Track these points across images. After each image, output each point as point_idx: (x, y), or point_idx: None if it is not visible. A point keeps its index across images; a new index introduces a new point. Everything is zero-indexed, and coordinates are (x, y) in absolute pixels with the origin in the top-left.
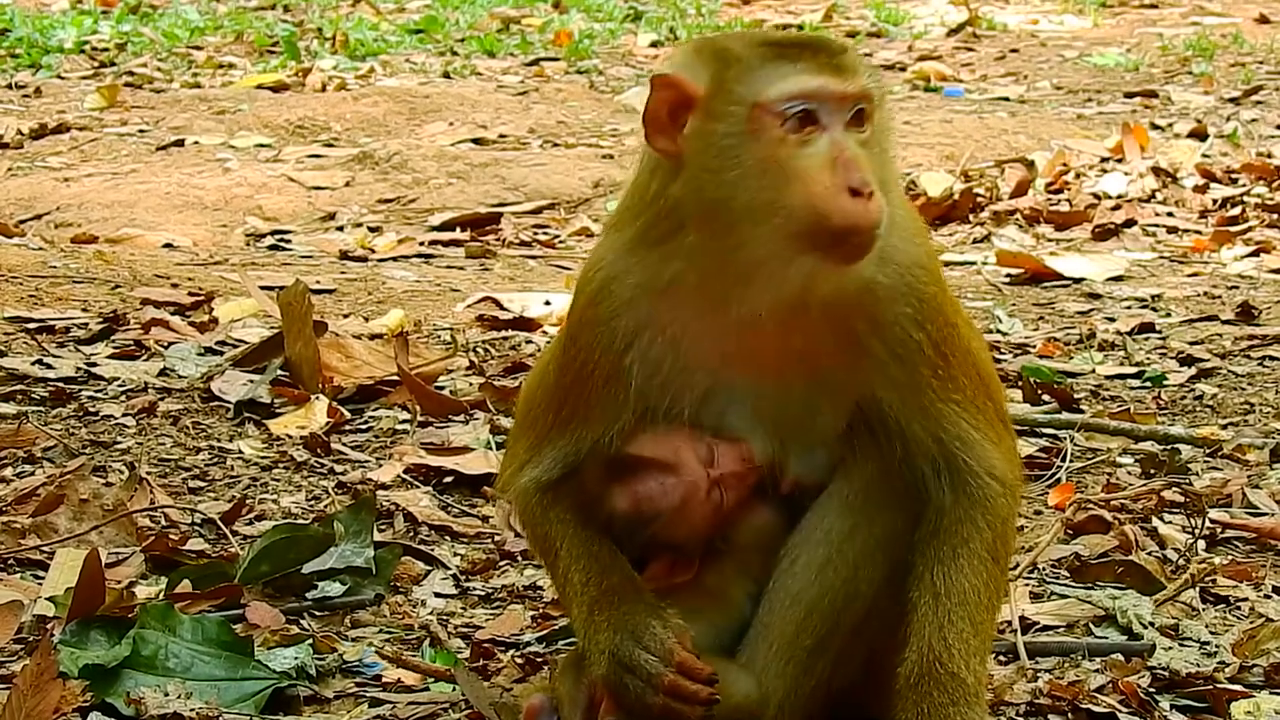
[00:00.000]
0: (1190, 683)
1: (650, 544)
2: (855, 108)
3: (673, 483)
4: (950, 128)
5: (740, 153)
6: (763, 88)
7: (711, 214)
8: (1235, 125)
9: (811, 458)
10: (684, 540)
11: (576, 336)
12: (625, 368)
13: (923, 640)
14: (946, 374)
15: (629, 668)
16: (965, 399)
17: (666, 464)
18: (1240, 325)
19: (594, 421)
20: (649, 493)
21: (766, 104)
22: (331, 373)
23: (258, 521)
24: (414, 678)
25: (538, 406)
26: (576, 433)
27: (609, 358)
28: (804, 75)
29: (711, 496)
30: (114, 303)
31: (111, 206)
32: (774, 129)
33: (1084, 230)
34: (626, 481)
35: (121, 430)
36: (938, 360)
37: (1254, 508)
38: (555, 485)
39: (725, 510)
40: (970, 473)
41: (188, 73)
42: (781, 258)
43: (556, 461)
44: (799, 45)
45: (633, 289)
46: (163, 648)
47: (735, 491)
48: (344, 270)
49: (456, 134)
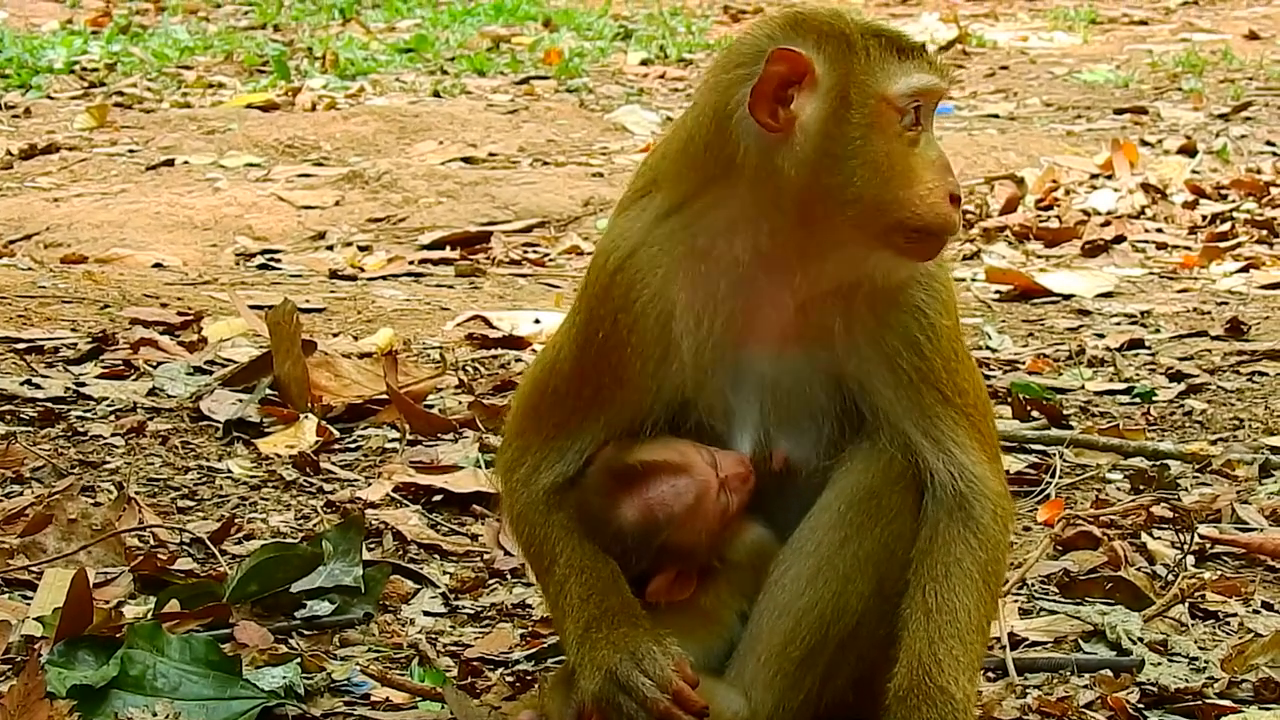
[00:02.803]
0: (1179, 698)
1: (658, 555)
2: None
3: (685, 483)
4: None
5: (864, 143)
6: (890, 82)
7: (819, 194)
8: (1225, 141)
9: (802, 436)
10: (692, 548)
11: (600, 304)
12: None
13: (913, 655)
14: (954, 370)
15: (625, 688)
16: (968, 406)
17: (676, 465)
18: (1229, 341)
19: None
20: (661, 497)
21: (892, 98)
22: (320, 391)
23: (246, 541)
24: (402, 696)
25: (552, 395)
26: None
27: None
28: (923, 73)
29: (720, 498)
30: (103, 322)
31: (101, 226)
32: (895, 124)
33: (1074, 246)
34: (635, 490)
35: (110, 450)
36: (949, 354)
37: (1243, 523)
38: (561, 490)
39: (731, 515)
40: (967, 486)
41: (177, 92)
42: (865, 245)
43: (581, 453)
44: (906, 40)
45: (661, 259)
46: (151, 667)
47: (739, 495)
48: (333, 289)
49: (446, 153)
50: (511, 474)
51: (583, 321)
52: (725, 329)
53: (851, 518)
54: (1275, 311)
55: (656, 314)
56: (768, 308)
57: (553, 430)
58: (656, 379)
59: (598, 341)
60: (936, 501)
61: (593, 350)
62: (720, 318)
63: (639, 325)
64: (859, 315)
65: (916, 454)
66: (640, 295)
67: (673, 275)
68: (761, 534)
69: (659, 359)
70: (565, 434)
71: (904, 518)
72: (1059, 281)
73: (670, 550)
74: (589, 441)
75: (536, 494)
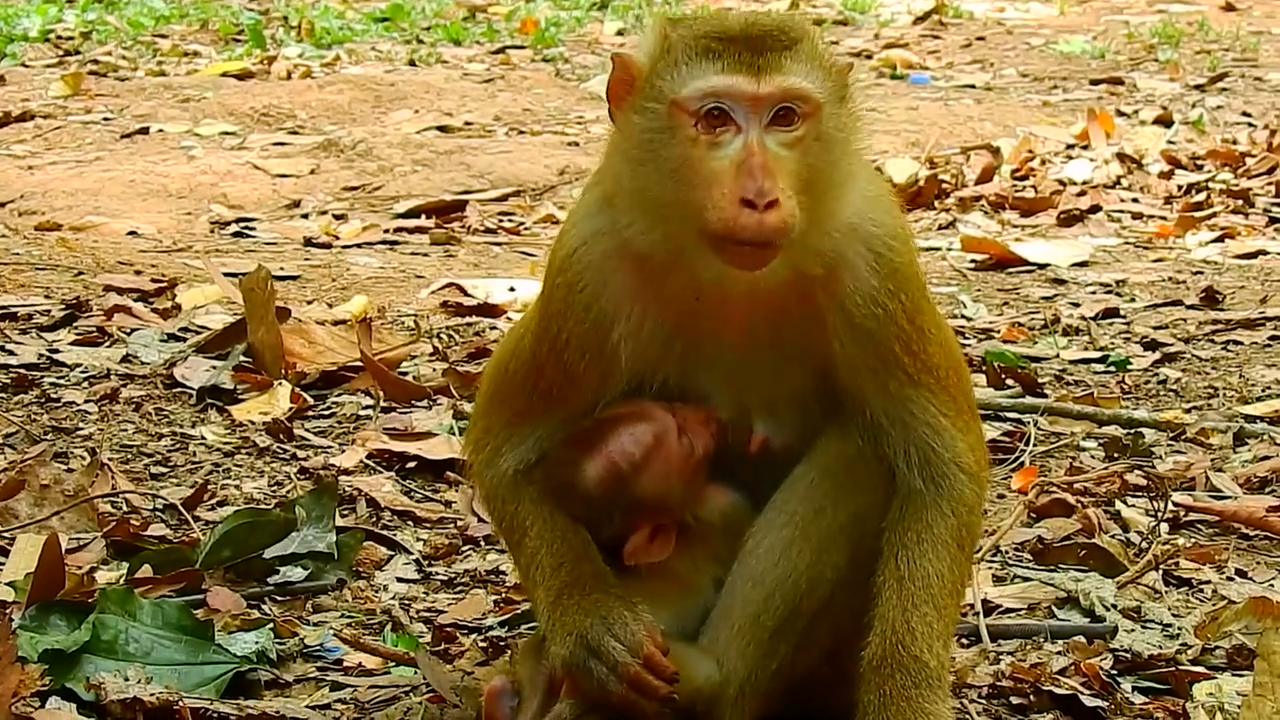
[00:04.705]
0: (1152, 665)
1: (629, 512)
2: (777, 108)
3: (643, 429)
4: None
5: (657, 148)
6: (680, 84)
7: (647, 200)
8: (1201, 112)
9: (778, 420)
10: (662, 499)
11: (550, 302)
12: (609, 336)
13: (886, 624)
14: (921, 348)
15: (595, 653)
16: (937, 383)
17: (632, 414)
18: (1204, 310)
19: (576, 397)
20: (621, 446)
21: (681, 101)
22: (294, 359)
23: (219, 507)
24: (375, 662)
25: (512, 381)
26: (558, 409)
27: (587, 325)
28: (717, 73)
29: (683, 443)
30: (77, 289)
31: (75, 194)
32: (688, 127)
33: (1049, 216)
34: (595, 449)
35: (83, 416)
36: (911, 333)
37: (1217, 491)
38: (529, 469)
39: (698, 461)
40: (939, 462)
41: (152, 61)
42: (695, 252)
43: (539, 442)
44: (727, 39)
45: (603, 253)
46: (123, 632)
47: (702, 439)
48: (308, 257)
49: (422, 121)
50: (477, 454)
51: (541, 315)
52: (674, 327)
53: (827, 489)
54: (1250, 281)
55: (595, 317)
56: (717, 302)
57: (512, 417)
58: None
59: (549, 338)
60: (909, 471)
61: (545, 346)
62: (666, 316)
63: (579, 329)
64: (817, 301)
65: (890, 421)
66: (580, 298)
67: (609, 276)
68: (736, 499)
69: (604, 366)
70: (525, 421)
71: (879, 489)
72: (1034, 251)
73: (642, 503)
74: (547, 432)
75: (504, 473)
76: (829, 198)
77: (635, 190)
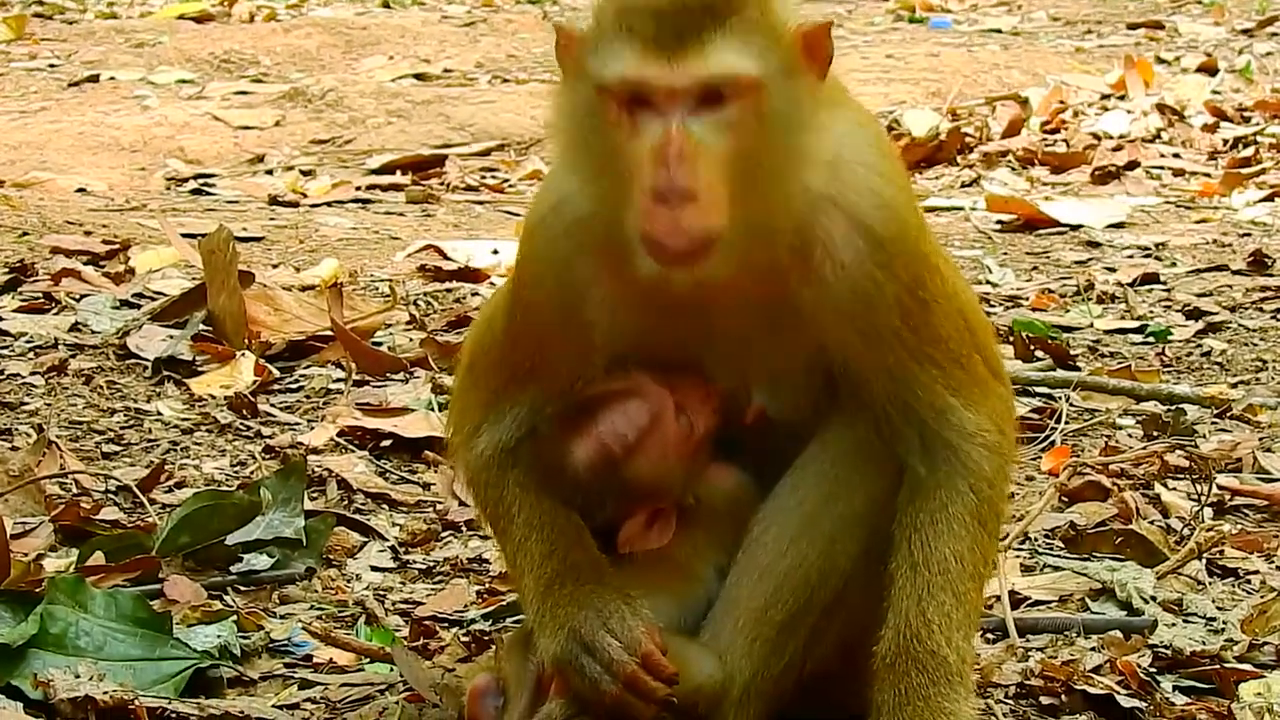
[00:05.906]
0: (1195, 662)
1: (624, 496)
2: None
3: (637, 406)
4: (937, 62)
5: (587, 131)
6: (601, 65)
7: (579, 179)
8: (1248, 59)
9: (777, 391)
10: (659, 482)
11: (522, 271)
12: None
13: (900, 616)
14: (923, 321)
15: (589, 649)
16: (944, 355)
17: (625, 390)
18: (1252, 276)
19: (555, 374)
20: (614, 426)
21: (603, 85)
22: (259, 327)
23: (177, 489)
24: (348, 658)
25: (488, 355)
26: (538, 386)
27: (559, 298)
28: (633, 56)
29: (682, 422)
30: (21, 252)
31: (19, 148)
32: (612, 111)
33: (1082, 173)
34: (586, 428)
35: (29, 390)
36: (911, 305)
37: (1265, 473)
38: (513, 448)
39: (698, 441)
40: (948, 443)
41: (103, 2)
42: (634, 246)
43: (517, 421)
44: (650, 15)
45: (574, 219)
46: (73, 625)
47: (702, 417)
48: (273, 216)
49: (397, 69)
50: (458, 432)
51: (515, 285)
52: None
53: (838, 473)
54: None
55: (566, 289)
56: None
57: (489, 395)
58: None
59: (522, 308)
60: (922, 450)
61: (519, 319)
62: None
63: (551, 301)
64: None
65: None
66: (550, 269)
67: (579, 245)
68: (740, 480)
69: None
70: (503, 398)
71: (896, 473)
72: (1066, 211)
73: (636, 488)
74: (528, 410)
75: (484, 453)
76: (782, 179)
77: (575, 171)
